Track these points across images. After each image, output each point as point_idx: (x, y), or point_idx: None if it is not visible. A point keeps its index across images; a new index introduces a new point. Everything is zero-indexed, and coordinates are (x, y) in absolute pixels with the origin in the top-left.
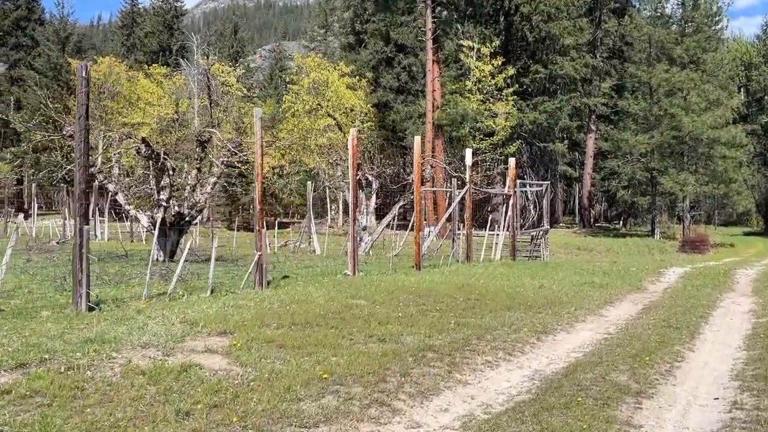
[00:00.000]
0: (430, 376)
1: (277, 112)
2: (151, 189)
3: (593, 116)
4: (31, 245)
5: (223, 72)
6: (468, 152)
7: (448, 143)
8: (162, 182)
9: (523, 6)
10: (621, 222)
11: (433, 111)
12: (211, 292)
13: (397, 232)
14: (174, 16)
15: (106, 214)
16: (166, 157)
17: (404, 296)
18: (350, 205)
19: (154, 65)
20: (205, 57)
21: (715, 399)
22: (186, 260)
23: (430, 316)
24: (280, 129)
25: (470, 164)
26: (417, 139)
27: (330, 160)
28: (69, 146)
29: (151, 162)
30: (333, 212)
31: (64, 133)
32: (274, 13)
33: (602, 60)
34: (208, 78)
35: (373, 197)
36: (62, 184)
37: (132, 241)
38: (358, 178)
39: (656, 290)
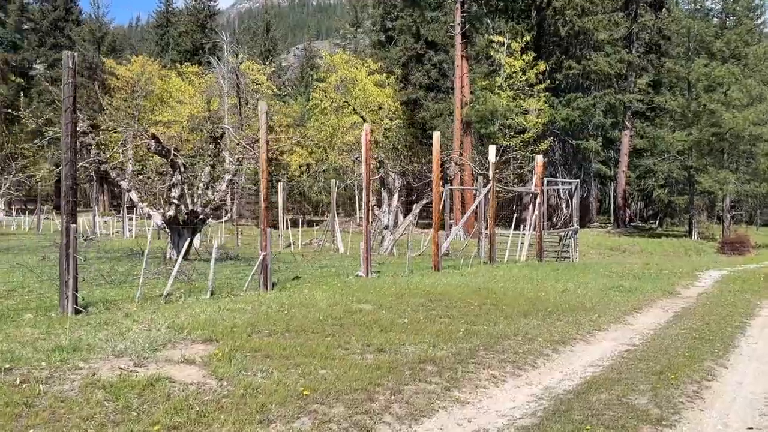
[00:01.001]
0: (424, 393)
1: (306, 110)
2: (164, 186)
3: (628, 113)
4: (57, 242)
5: (252, 70)
6: (492, 149)
7: (478, 141)
8: (173, 179)
9: (556, 0)
10: (657, 222)
11: (462, 107)
12: (211, 294)
13: (424, 230)
14: (207, 16)
15: (136, 211)
16: (176, 153)
17: (414, 300)
18: (363, 202)
19: (186, 64)
20: (235, 55)
21: (749, 429)
22: (201, 259)
23: (438, 322)
24: (308, 127)
25: (494, 161)
26: (436, 134)
27: (353, 158)
28: (81, 142)
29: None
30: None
31: (77, 129)
32: (307, 12)
33: (638, 55)
34: (237, 76)
35: (396, 195)
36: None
37: (159, 238)
38: (380, 175)
39: (690, 295)
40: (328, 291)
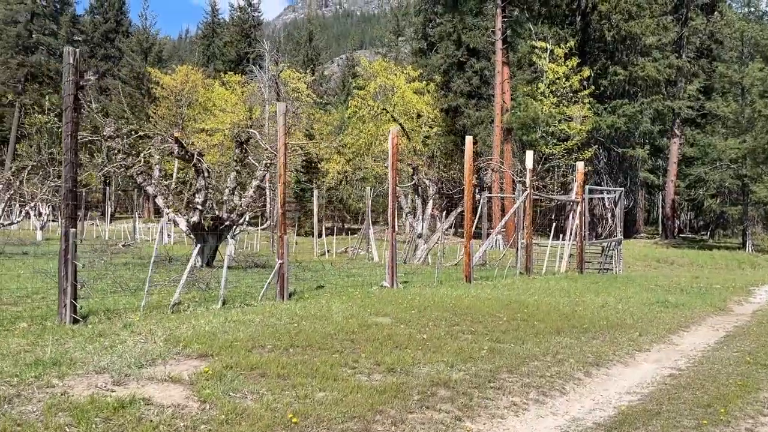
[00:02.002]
0: (431, 424)
1: (345, 118)
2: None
3: (677, 120)
4: (96, 247)
5: (293, 78)
6: (529, 155)
7: (519, 148)
8: (197, 184)
9: (602, 4)
10: (708, 233)
11: (502, 114)
12: (223, 303)
13: (462, 240)
14: (252, 26)
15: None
16: (199, 158)
17: (437, 314)
18: (389, 209)
19: (229, 73)
20: (275, 64)
21: None
22: (228, 267)
23: (460, 339)
24: (346, 134)
25: (531, 168)
26: (468, 139)
27: (386, 165)
28: (108, 147)
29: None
30: (402, 219)
31: (104, 133)
32: (351, 23)
33: (688, 60)
34: (276, 84)
35: (430, 203)
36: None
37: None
38: (414, 182)
39: (743, 312)
40: (346, 302)
